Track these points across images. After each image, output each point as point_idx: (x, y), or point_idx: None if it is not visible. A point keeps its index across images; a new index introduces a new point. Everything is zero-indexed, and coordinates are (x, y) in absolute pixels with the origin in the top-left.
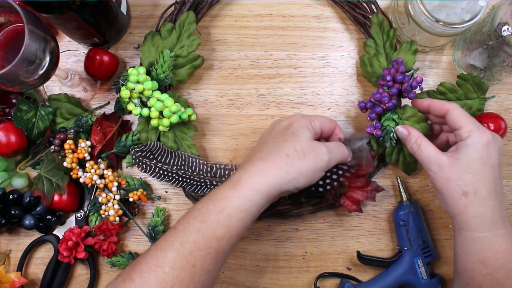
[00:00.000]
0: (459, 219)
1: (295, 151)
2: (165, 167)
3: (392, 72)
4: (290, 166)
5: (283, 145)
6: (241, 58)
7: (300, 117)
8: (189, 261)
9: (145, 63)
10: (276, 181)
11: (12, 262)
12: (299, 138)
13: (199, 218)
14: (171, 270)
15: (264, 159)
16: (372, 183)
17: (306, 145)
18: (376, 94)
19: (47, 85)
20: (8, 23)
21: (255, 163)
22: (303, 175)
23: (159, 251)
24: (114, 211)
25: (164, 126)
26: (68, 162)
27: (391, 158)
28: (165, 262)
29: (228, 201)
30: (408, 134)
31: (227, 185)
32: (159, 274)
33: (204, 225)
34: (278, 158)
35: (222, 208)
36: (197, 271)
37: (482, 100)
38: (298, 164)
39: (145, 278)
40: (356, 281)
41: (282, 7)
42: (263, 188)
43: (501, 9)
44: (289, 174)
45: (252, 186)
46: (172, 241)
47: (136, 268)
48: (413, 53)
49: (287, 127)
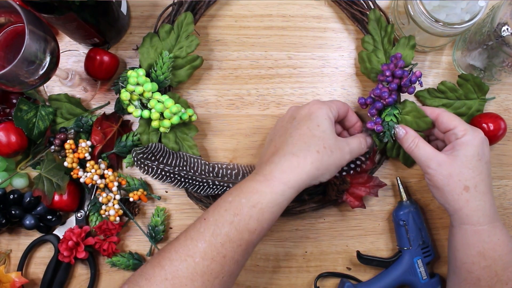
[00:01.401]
0: (460, 213)
1: (324, 147)
2: (167, 168)
3: (391, 67)
4: (321, 162)
5: (312, 140)
6: (241, 58)
7: (320, 105)
8: (220, 252)
9: (144, 65)
10: (307, 177)
11: (12, 262)
12: (326, 134)
13: (232, 211)
14: (201, 260)
15: (296, 155)
16: (374, 179)
17: (333, 142)
18: (376, 89)
19: (47, 85)
20: (9, 24)
21: (286, 158)
22: (329, 171)
23: (189, 240)
24: (115, 211)
25: (165, 127)
26: (68, 162)
27: (392, 153)
28: (196, 252)
29: (261, 196)
30: (405, 134)
31: (258, 179)
32: (189, 263)
33: (237, 218)
34: (309, 154)
35: (256, 202)
36: (227, 261)
37: (482, 101)
38: (327, 161)
39: (175, 266)
40: (356, 281)
41: (282, 7)
42: (295, 183)
43: (501, 9)
44: (319, 170)
45: (286, 181)
46: (203, 232)
47: (165, 256)
48: (411, 48)
49: (309, 116)
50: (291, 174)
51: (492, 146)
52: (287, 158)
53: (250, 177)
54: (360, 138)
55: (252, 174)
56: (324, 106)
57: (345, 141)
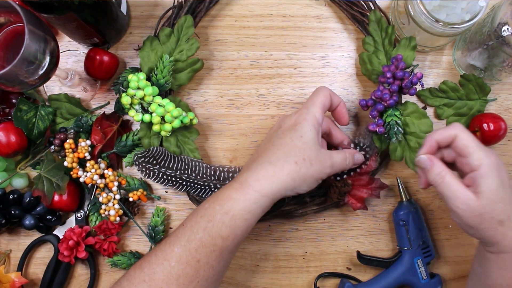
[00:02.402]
0: (498, 246)
1: (303, 159)
2: (168, 172)
3: (392, 69)
4: (298, 174)
5: (292, 150)
6: (241, 58)
7: (305, 115)
8: (194, 257)
9: (144, 68)
10: (282, 187)
11: (12, 262)
12: (308, 145)
13: (206, 218)
14: (177, 264)
15: (273, 164)
16: (376, 180)
17: (314, 154)
18: (377, 91)
19: (47, 85)
20: (8, 23)
21: (263, 166)
22: (307, 183)
23: (168, 245)
24: (115, 211)
25: (166, 131)
26: (68, 162)
27: (396, 155)
28: (172, 256)
29: (234, 203)
30: (432, 166)
31: (234, 186)
32: (165, 267)
33: (210, 224)
34: (286, 164)
35: (228, 209)
36: (202, 266)
37: (484, 101)
38: (305, 172)
39: (153, 269)
40: (356, 281)
41: (282, 7)
42: (269, 192)
43: (501, 9)
44: (295, 181)
45: (259, 190)
46: (179, 237)
47: (147, 259)
48: (412, 49)
49: (293, 126)
50: (266, 182)
51: (493, 146)
52: (264, 166)
53: (228, 184)
54: (346, 154)
55: (230, 181)
56: (309, 116)
57: (328, 154)
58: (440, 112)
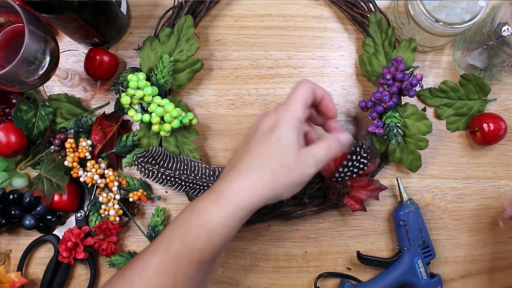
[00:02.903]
0: None
1: (281, 166)
2: (167, 172)
3: (392, 70)
4: (276, 183)
5: (269, 157)
6: (241, 58)
7: (282, 113)
8: (171, 268)
9: (144, 68)
10: (260, 199)
11: (12, 262)
12: (286, 149)
13: (182, 229)
14: (154, 274)
15: (248, 174)
16: (375, 182)
17: (293, 159)
18: (377, 93)
19: (47, 85)
20: (8, 23)
21: (238, 177)
22: (288, 190)
23: (147, 255)
24: (115, 211)
25: (166, 131)
26: (69, 161)
27: (394, 157)
28: (150, 266)
29: (209, 216)
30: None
31: (210, 197)
32: (143, 277)
33: (186, 237)
34: (263, 173)
35: (204, 222)
36: (180, 277)
37: (484, 101)
38: (283, 180)
39: (132, 277)
40: (356, 281)
41: (282, 7)
42: (246, 205)
43: (501, 9)
44: (273, 191)
45: (235, 202)
46: (157, 247)
47: (129, 267)
48: (412, 51)
49: (270, 129)
50: (242, 195)
51: (493, 146)
52: (239, 177)
53: (205, 193)
54: (329, 142)
55: (208, 190)
56: (288, 113)
57: (310, 153)
58: (440, 112)
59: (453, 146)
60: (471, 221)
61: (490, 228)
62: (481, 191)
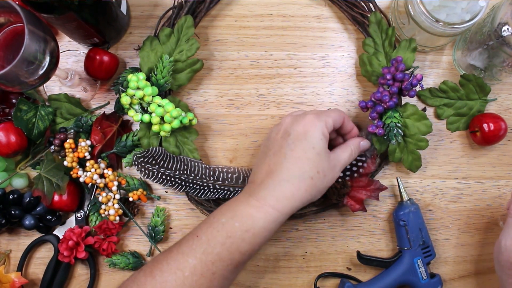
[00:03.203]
0: None
1: (318, 172)
2: (167, 172)
3: (392, 70)
4: (315, 188)
5: (306, 165)
6: (241, 58)
7: (315, 121)
8: (210, 269)
9: (144, 68)
10: (300, 203)
11: (12, 262)
12: (320, 156)
13: (224, 233)
14: (191, 274)
15: (291, 182)
16: (375, 182)
17: (327, 165)
18: (377, 93)
19: (47, 85)
20: (8, 23)
21: (280, 184)
22: (322, 192)
23: (181, 255)
24: (114, 211)
25: (166, 132)
26: (68, 161)
27: (394, 157)
28: (186, 266)
29: (254, 221)
30: None
31: (253, 203)
32: (178, 276)
33: (229, 240)
34: (303, 181)
35: (249, 227)
36: (216, 277)
37: (484, 101)
38: (320, 185)
39: (165, 277)
40: (356, 281)
41: (282, 7)
42: (289, 210)
43: (501, 9)
44: (312, 195)
45: (280, 209)
46: (194, 248)
47: (157, 266)
48: (412, 51)
49: (304, 135)
50: (286, 201)
51: (493, 146)
52: (282, 185)
53: (244, 198)
54: (350, 147)
55: (246, 195)
56: (320, 122)
57: (337, 158)
58: (440, 112)
59: (453, 146)
60: (471, 221)
61: (490, 228)
62: (481, 191)
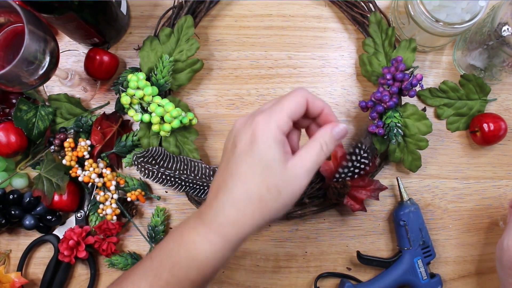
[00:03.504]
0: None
1: (267, 190)
2: (167, 172)
3: (392, 70)
4: (266, 209)
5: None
6: (241, 58)
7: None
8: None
9: (144, 68)
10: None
11: (12, 262)
12: (270, 169)
13: (171, 260)
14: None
15: (234, 206)
16: (375, 182)
17: (280, 178)
18: (377, 93)
19: (47, 85)
20: (8, 23)
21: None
22: (280, 212)
23: (137, 277)
24: (112, 210)
25: (166, 131)
26: (67, 160)
27: (394, 157)
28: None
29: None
30: None
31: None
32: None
33: (176, 267)
34: (250, 204)
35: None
36: None
37: (484, 101)
38: (273, 205)
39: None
40: (356, 281)
41: (282, 7)
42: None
43: (501, 9)
44: (264, 219)
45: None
46: (147, 271)
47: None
48: (412, 51)
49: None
50: (231, 229)
51: (493, 146)
52: (225, 209)
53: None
54: (319, 141)
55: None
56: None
57: (298, 164)
58: (440, 112)
59: (453, 146)
60: (471, 221)
61: (490, 228)
62: (481, 191)
